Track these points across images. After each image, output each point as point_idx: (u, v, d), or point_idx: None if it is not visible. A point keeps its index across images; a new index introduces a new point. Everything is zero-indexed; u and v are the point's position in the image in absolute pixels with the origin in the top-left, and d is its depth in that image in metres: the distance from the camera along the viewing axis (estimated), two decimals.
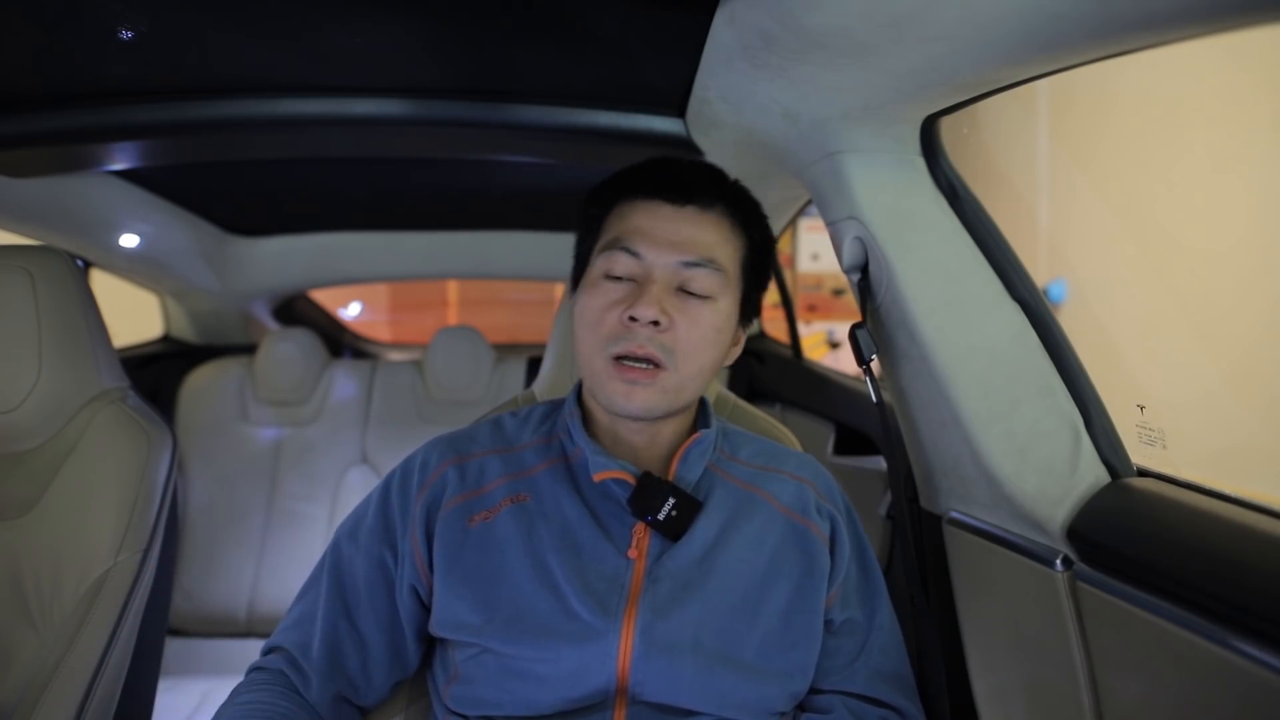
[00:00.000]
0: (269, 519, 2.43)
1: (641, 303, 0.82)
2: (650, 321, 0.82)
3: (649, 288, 0.83)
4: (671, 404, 0.86)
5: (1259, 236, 2.15)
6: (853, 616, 0.91)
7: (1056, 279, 2.70)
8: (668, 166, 0.90)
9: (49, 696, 0.97)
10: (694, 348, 0.84)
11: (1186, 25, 0.61)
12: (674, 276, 0.84)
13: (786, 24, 0.83)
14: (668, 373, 0.84)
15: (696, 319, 0.84)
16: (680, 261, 0.84)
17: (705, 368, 0.87)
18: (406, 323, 5.46)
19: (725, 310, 0.87)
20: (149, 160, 1.49)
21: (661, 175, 0.89)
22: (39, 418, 1.09)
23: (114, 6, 0.96)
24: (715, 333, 0.86)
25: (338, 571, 0.90)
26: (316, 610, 0.89)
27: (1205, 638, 0.73)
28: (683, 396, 0.86)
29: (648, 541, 0.85)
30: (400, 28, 1.06)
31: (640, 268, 0.85)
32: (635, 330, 0.83)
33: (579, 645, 0.80)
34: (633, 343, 0.82)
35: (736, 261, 0.89)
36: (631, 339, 0.82)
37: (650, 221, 0.86)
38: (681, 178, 0.88)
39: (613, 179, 0.92)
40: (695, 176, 0.89)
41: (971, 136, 1.12)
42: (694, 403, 0.92)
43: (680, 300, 0.84)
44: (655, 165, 0.91)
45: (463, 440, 0.94)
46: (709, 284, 0.85)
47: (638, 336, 0.82)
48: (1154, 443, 0.96)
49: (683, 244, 0.85)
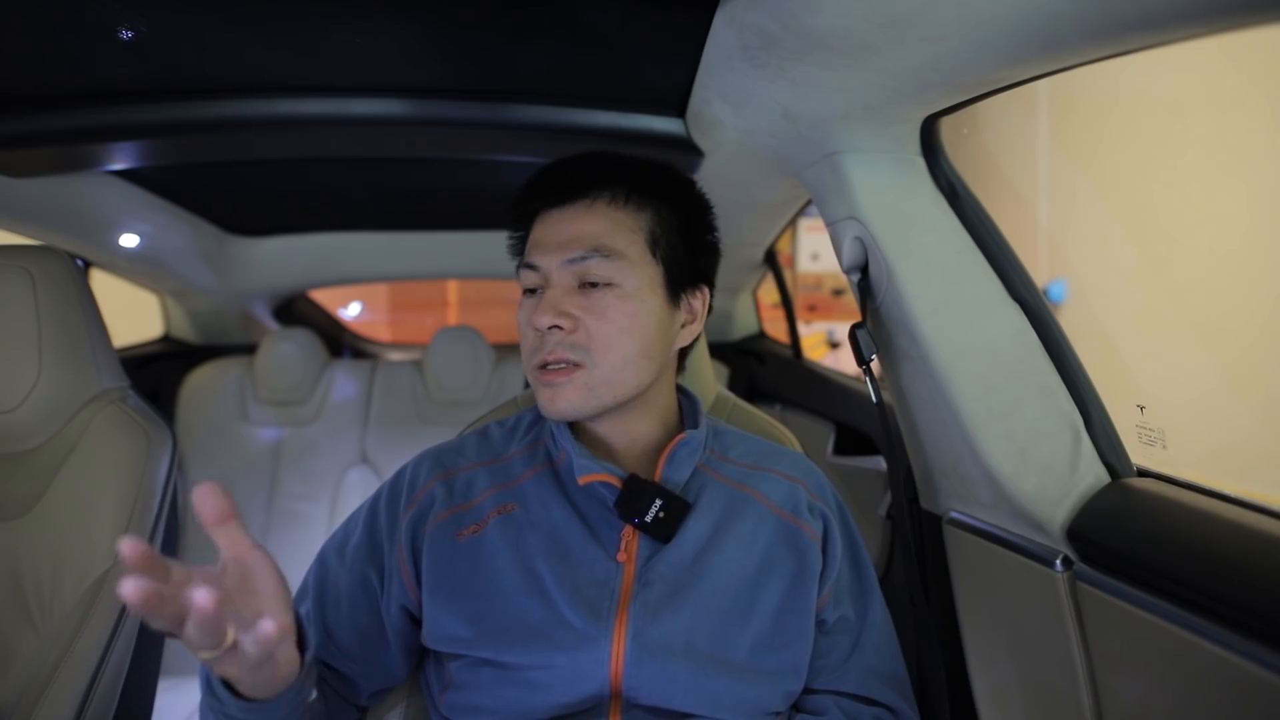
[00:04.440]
0: (269, 519, 2.43)
1: (537, 312, 0.85)
2: (551, 327, 0.84)
3: (545, 295, 0.85)
4: (603, 399, 0.85)
5: (1259, 236, 2.15)
6: (845, 615, 0.91)
7: (1056, 279, 2.70)
8: (551, 172, 0.91)
9: (49, 696, 0.97)
10: (608, 340, 0.84)
11: (1186, 25, 0.61)
12: (569, 276, 0.85)
13: (786, 24, 0.83)
14: (586, 369, 0.84)
15: (603, 311, 0.84)
16: (566, 260, 0.85)
17: (631, 356, 0.86)
18: (406, 323, 5.46)
19: (637, 293, 0.86)
20: (149, 160, 1.49)
21: (547, 183, 0.90)
22: (39, 417, 1.09)
23: (114, 6, 0.96)
24: (628, 319, 0.85)
25: (321, 587, 0.90)
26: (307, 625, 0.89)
27: (1205, 638, 0.73)
28: (616, 390, 0.86)
29: (637, 544, 0.85)
30: (400, 28, 1.06)
31: (541, 278, 0.87)
32: (545, 338, 0.85)
33: (571, 651, 0.79)
34: (544, 351, 0.85)
35: (640, 239, 0.88)
36: (543, 347, 0.85)
37: (543, 230, 0.89)
38: (562, 178, 0.90)
39: (515, 200, 0.93)
40: (576, 172, 0.90)
41: (971, 136, 1.12)
42: (645, 393, 0.90)
43: (584, 297, 0.85)
44: (542, 174, 0.92)
45: (450, 454, 0.94)
46: (604, 271, 0.85)
47: (548, 344, 0.85)
48: (1154, 443, 0.96)
49: (567, 243, 0.86)
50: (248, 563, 0.63)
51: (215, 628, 0.56)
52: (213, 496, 0.60)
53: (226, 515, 0.61)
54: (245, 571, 0.63)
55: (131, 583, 0.52)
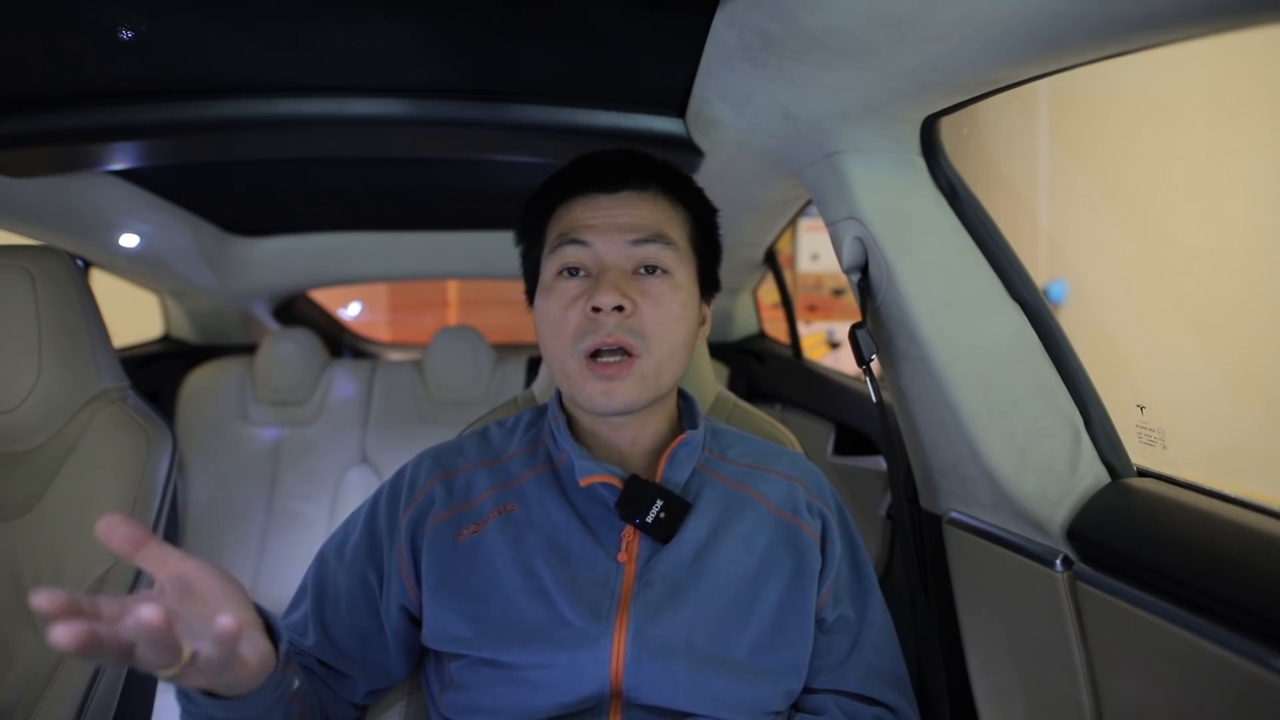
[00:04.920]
0: (269, 519, 2.43)
1: (600, 290, 0.81)
2: (614, 308, 0.81)
3: (606, 275, 0.82)
4: (654, 391, 0.85)
5: (1259, 236, 2.15)
6: (845, 614, 0.91)
7: (1056, 279, 2.70)
8: (594, 160, 0.90)
9: (49, 696, 0.97)
10: (663, 328, 0.84)
11: (1186, 25, 0.61)
12: (627, 258, 0.84)
13: (786, 24, 0.83)
14: (642, 359, 0.83)
15: (659, 298, 0.84)
16: (630, 240, 0.84)
17: (678, 347, 0.86)
18: (406, 323, 5.46)
19: (685, 285, 0.87)
20: (149, 160, 1.49)
21: (590, 169, 0.89)
22: (39, 417, 1.09)
23: (114, 6, 0.96)
24: (681, 308, 0.85)
25: (320, 586, 0.90)
26: (306, 624, 0.89)
27: (1205, 638, 0.73)
28: (663, 381, 0.86)
29: (637, 545, 0.85)
30: (400, 28, 1.06)
31: (591, 257, 0.84)
32: (601, 321, 0.81)
33: (571, 651, 0.79)
34: (601, 333, 0.81)
35: (685, 235, 0.89)
36: (599, 330, 0.81)
37: (591, 212, 0.86)
38: (610, 167, 0.89)
39: (545, 185, 0.91)
40: (623, 163, 0.89)
41: (971, 136, 1.12)
42: (673, 389, 0.91)
43: (639, 282, 0.84)
44: (581, 162, 0.91)
45: (450, 454, 0.94)
46: (664, 258, 0.84)
47: (604, 326, 0.81)
48: (1154, 443, 0.96)
49: (628, 225, 0.84)
50: (184, 575, 0.61)
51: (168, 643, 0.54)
52: (121, 526, 0.58)
53: (140, 540, 0.59)
54: (184, 584, 0.61)
55: (62, 629, 0.49)
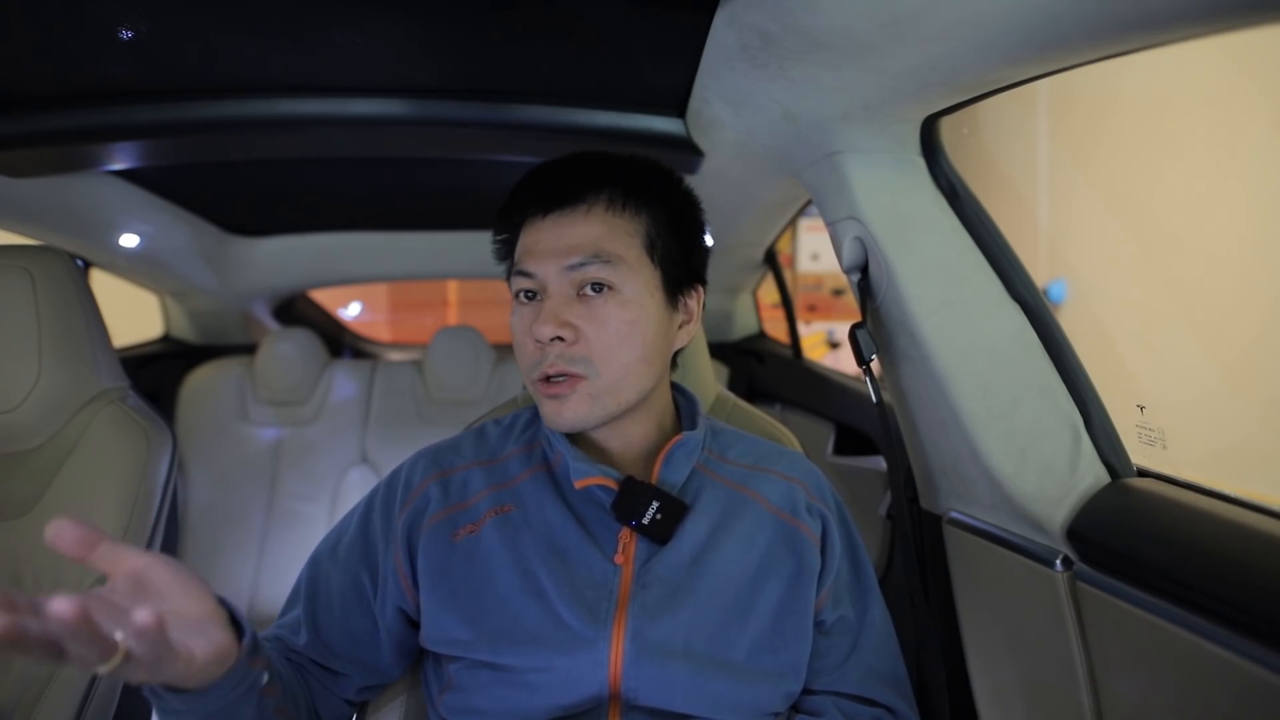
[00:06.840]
0: (269, 519, 2.43)
1: (538, 322, 0.83)
2: (553, 339, 0.82)
3: (546, 304, 0.84)
4: (608, 408, 0.85)
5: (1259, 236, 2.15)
6: (844, 616, 0.91)
7: (1056, 279, 2.70)
8: (540, 176, 0.89)
9: (49, 696, 0.97)
10: (609, 349, 0.83)
11: (1186, 25, 0.61)
12: (569, 282, 0.84)
13: (786, 24, 0.83)
14: (588, 380, 0.83)
15: (604, 320, 0.83)
16: (565, 266, 0.84)
17: (633, 363, 0.85)
18: (406, 323, 5.46)
19: (636, 299, 0.85)
20: (149, 160, 1.49)
21: (536, 187, 0.89)
22: (39, 417, 1.09)
23: (114, 6, 0.96)
24: (629, 325, 0.84)
25: (313, 586, 0.90)
26: (299, 624, 0.89)
27: (1205, 638, 0.73)
28: (619, 398, 0.85)
29: (635, 546, 0.85)
30: (400, 28, 1.06)
31: (537, 284, 0.85)
32: (546, 350, 0.83)
33: (569, 653, 0.79)
34: (545, 364, 0.83)
35: (637, 242, 0.87)
36: (544, 360, 0.83)
37: (535, 236, 0.86)
38: (553, 183, 0.88)
39: (506, 202, 0.91)
40: (567, 177, 0.88)
41: (971, 136, 1.12)
42: (649, 397, 0.89)
43: (583, 305, 0.84)
44: (531, 178, 0.90)
45: (446, 453, 0.93)
46: (604, 276, 0.84)
47: (548, 356, 0.83)
48: (1154, 443, 0.96)
49: (564, 249, 0.84)
50: (137, 572, 0.60)
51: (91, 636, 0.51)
52: (69, 530, 0.56)
53: (91, 542, 0.57)
54: (137, 581, 0.60)
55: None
